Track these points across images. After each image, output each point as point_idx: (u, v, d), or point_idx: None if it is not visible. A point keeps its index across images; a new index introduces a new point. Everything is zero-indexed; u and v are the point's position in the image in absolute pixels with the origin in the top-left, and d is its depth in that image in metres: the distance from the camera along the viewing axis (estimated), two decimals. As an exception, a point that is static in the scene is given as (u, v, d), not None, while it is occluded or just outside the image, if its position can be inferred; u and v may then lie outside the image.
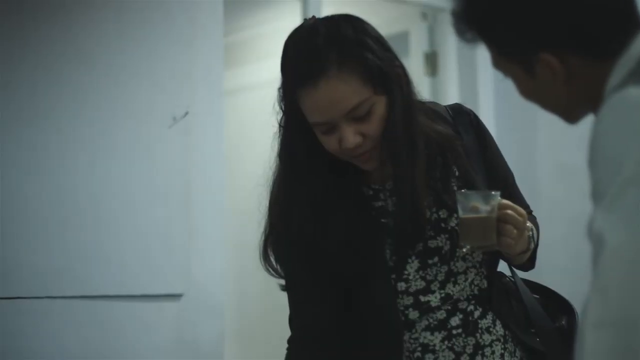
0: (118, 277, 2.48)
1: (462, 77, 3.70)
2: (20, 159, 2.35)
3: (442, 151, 1.57)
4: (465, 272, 1.55)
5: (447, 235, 1.53)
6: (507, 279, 1.69)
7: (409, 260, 1.52)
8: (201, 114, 2.68)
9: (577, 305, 1.70)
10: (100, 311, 2.45)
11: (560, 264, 3.41)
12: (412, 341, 1.54)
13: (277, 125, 1.55)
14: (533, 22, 1.10)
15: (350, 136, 1.44)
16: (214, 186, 2.69)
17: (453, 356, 1.53)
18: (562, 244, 3.44)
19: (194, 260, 2.60)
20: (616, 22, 1.09)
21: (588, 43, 1.09)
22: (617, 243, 0.93)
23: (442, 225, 1.53)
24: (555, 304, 1.69)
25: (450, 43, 3.70)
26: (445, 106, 1.66)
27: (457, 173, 1.57)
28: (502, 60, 1.15)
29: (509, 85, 1.21)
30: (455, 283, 1.54)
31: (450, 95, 3.67)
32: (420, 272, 1.52)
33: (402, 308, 1.53)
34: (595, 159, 1.00)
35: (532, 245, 1.57)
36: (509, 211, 1.46)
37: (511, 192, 1.66)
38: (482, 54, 3.63)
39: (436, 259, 1.52)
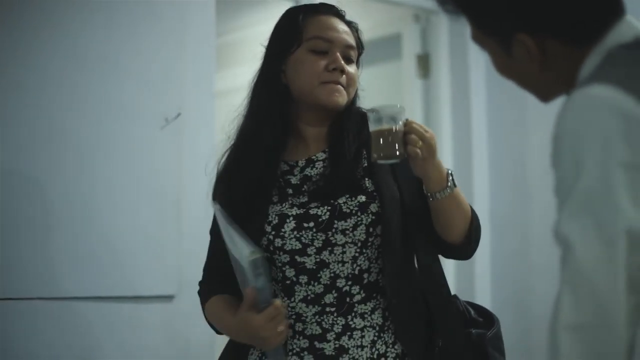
0: (110, 278, 2.48)
1: (455, 79, 3.70)
2: (10, 160, 2.34)
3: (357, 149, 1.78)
4: (343, 246, 1.68)
5: (329, 208, 1.70)
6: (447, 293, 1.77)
7: (287, 220, 1.70)
8: (193, 115, 2.68)
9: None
10: (93, 312, 2.45)
11: (552, 265, 3.41)
12: (289, 309, 1.71)
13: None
14: (513, 4, 1.10)
15: (342, 60, 1.74)
16: (205, 187, 2.68)
17: (320, 331, 1.69)
18: (553, 245, 3.44)
19: (185, 262, 2.59)
20: (597, 10, 1.09)
21: (567, 29, 1.09)
22: (584, 247, 0.98)
23: (332, 200, 1.70)
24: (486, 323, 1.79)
25: (442, 45, 3.71)
26: None
27: (365, 164, 1.76)
28: (480, 35, 1.17)
29: (501, 88, 1.22)
30: (331, 252, 1.68)
31: (442, 98, 3.67)
32: (295, 233, 1.69)
33: (279, 264, 1.71)
34: (557, 157, 1.03)
35: (450, 183, 1.67)
36: (414, 124, 1.62)
37: None
38: (475, 57, 3.65)
39: (312, 224, 1.69)
